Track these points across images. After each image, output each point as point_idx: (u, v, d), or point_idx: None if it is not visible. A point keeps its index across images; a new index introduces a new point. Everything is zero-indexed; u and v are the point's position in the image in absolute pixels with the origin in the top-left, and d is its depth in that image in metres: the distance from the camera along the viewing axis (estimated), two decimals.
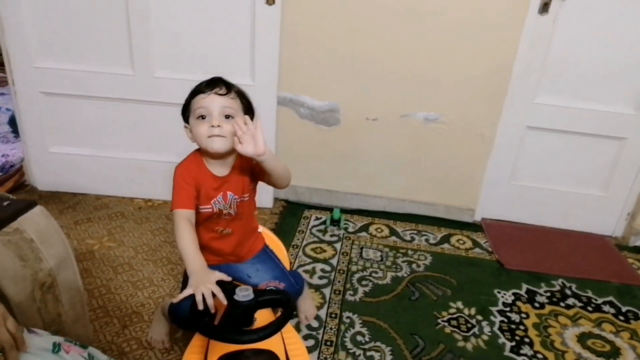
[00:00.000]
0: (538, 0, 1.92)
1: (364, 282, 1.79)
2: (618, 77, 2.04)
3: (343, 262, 1.91)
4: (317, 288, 1.74)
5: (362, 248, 2.02)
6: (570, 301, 1.78)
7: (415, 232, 2.19)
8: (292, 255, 1.92)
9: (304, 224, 2.18)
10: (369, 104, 2.15)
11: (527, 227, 2.30)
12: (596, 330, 1.64)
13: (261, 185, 1.29)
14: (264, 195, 2.26)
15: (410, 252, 2.01)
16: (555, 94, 2.11)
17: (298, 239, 2.05)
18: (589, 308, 1.75)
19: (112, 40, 1.99)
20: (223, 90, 1.12)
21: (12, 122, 2.50)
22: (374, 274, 1.85)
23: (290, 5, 1.97)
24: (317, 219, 2.23)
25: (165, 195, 2.22)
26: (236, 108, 1.13)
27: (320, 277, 1.80)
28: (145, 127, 2.15)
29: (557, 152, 2.22)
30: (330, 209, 2.25)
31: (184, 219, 1.08)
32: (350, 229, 2.17)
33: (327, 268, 1.86)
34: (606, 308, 1.76)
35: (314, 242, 2.04)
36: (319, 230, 2.13)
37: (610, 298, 1.81)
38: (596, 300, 1.80)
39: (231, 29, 1.97)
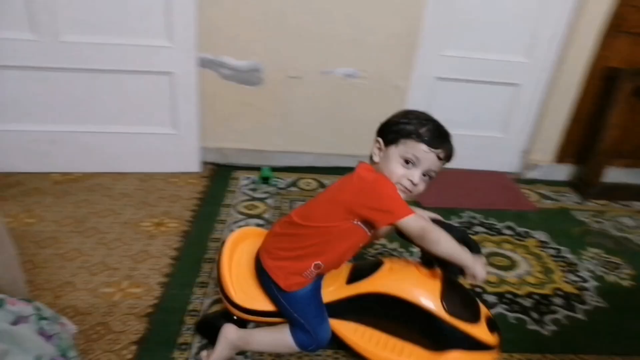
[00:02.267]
0: None
1: None
2: (512, 29, 2.27)
3: (275, 216, 1.99)
4: None
5: (292, 201, 2.12)
6: (477, 228, 2.03)
7: None
8: (224, 213, 1.97)
9: (234, 185, 2.22)
10: (290, 62, 2.19)
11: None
12: (498, 250, 1.90)
13: (186, 147, 1.32)
14: (190, 159, 2.26)
15: None
16: (459, 46, 2.30)
17: (229, 199, 2.09)
18: (492, 232, 2.01)
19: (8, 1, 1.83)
20: (443, 156, 1.09)
21: None
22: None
23: None
24: (246, 178, 2.28)
25: (84, 167, 2.15)
26: (438, 172, 1.11)
27: None
28: (54, 96, 2.02)
29: (462, 100, 2.43)
30: (259, 169, 2.30)
31: (424, 219, 1.07)
32: (281, 185, 2.25)
33: (261, 222, 1.94)
34: (505, 231, 2.03)
35: (245, 200, 2.10)
36: (250, 189, 2.19)
37: (509, 223, 2.09)
38: (497, 225, 2.07)
39: None
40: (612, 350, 1.43)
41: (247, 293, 1.22)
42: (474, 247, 1.09)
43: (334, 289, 1.21)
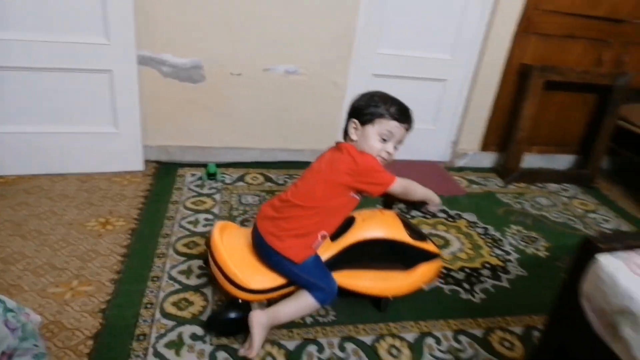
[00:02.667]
0: None
1: (246, 223, 1.96)
2: (438, 29, 2.46)
3: (224, 210, 2.04)
4: (202, 235, 1.85)
5: (240, 196, 2.17)
6: (415, 212, 2.19)
7: (288, 176, 2.41)
8: (172, 210, 1.98)
9: (180, 182, 2.23)
10: (231, 59, 2.24)
11: None
12: (434, 230, 2.07)
13: (128, 146, 1.37)
14: (133, 157, 2.24)
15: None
16: (392, 45, 2.45)
17: (176, 196, 2.10)
18: (428, 215, 2.19)
19: None
20: (408, 127, 1.38)
21: None
22: (255, 215, 2.02)
23: None
24: (192, 175, 2.30)
25: (20, 169, 2.07)
26: (404, 138, 1.39)
27: (204, 225, 1.91)
28: None
29: (396, 95, 2.57)
30: (205, 165, 2.33)
31: (400, 178, 1.35)
32: (227, 181, 2.29)
33: (210, 217, 1.98)
34: (439, 214, 2.21)
35: (193, 196, 2.12)
36: (197, 185, 2.21)
37: (442, 207, 2.28)
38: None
39: None
40: (532, 311, 1.64)
41: (252, 276, 1.34)
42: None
43: (324, 249, 1.41)
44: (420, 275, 1.51)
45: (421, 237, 1.53)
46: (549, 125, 2.78)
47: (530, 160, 2.79)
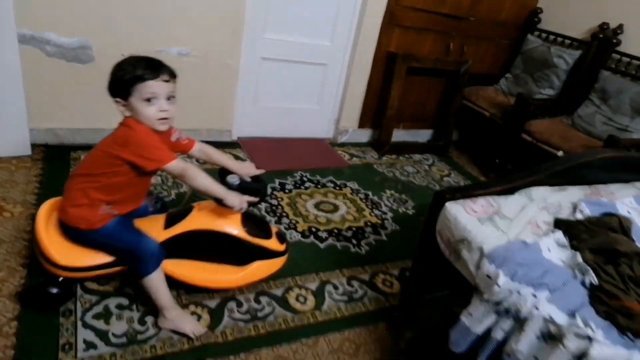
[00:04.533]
0: None
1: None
2: (318, 17, 2.73)
3: None
4: None
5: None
6: (307, 184, 2.49)
7: (186, 155, 2.50)
8: None
9: (75, 165, 2.19)
10: (123, 40, 2.23)
11: (271, 139, 2.91)
12: (324, 199, 2.39)
13: (12, 129, 1.45)
14: (19, 141, 2.13)
15: None
16: (278, 30, 2.66)
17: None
18: (319, 186, 2.50)
19: None
20: (167, 78, 1.27)
21: None
22: (160, 195, 2.10)
23: None
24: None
25: None
26: (174, 89, 1.31)
27: None
28: None
29: (284, 77, 2.83)
30: None
31: (183, 162, 1.29)
32: None
33: None
34: (328, 184, 2.54)
35: None
36: None
37: (330, 178, 2.61)
38: (322, 180, 2.57)
39: None
40: (405, 257, 2.04)
41: (67, 254, 1.35)
42: (257, 193, 1.50)
43: (154, 236, 1.41)
44: (253, 273, 1.54)
45: (263, 233, 1.54)
46: (412, 105, 3.27)
47: (398, 135, 3.27)
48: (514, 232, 1.32)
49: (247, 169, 1.55)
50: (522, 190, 1.56)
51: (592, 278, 1.15)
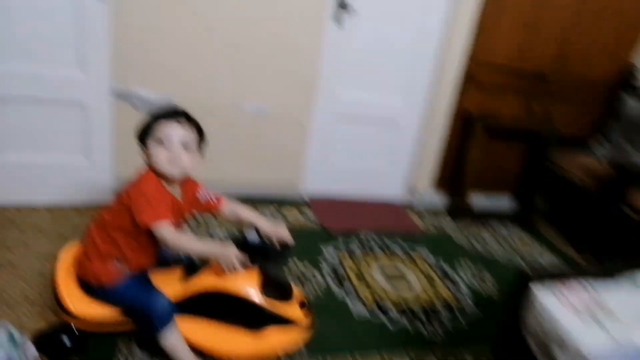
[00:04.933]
0: (332, 10, 2.39)
1: None
2: (393, 77, 2.68)
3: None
4: None
5: (208, 230, 2.23)
6: (375, 249, 2.35)
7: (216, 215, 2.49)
8: None
9: None
10: (202, 95, 2.33)
11: (340, 198, 2.83)
12: (392, 266, 2.23)
13: (99, 178, 1.39)
14: (104, 189, 2.22)
15: None
16: (353, 88, 2.64)
17: None
18: (387, 252, 2.35)
19: None
20: (183, 121, 1.26)
21: None
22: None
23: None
24: None
25: None
26: (192, 139, 1.28)
27: None
28: None
29: (355, 136, 2.78)
30: None
31: (171, 230, 1.21)
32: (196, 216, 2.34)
33: None
34: (397, 251, 2.38)
35: None
36: None
37: (400, 243, 2.45)
38: (391, 245, 2.42)
39: (58, 20, 1.91)
40: (482, 341, 1.78)
41: (79, 301, 1.33)
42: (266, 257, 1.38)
43: (169, 289, 1.35)
44: (267, 341, 1.39)
45: (283, 297, 1.42)
46: (492, 168, 3.06)
47: (477, 201, 3.05)
48: (624, 333, 1.08)
49: (277, 232, 1.43)
50: (626, 274, 1.31)
51: None
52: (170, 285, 1.37)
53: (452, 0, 2.56)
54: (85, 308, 1.33)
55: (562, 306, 1.13)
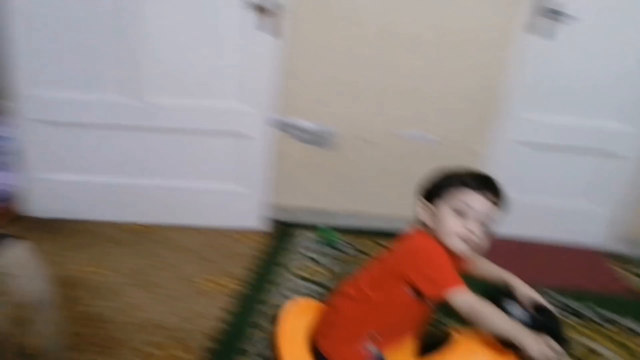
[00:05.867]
0: (525, 19, 1.97)
1: None
2: (606, 94, 2.09)
3: (332, 280, 1.91)
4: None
5: (350, 264, 2.02)
6: (558, 310, 1.77)
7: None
8: (280, 276, 1.93)
9: (296, 244, 2.17)
10: (361, 124, 2.19)
11: (520, 239, 2.29)
12: (579, 337, 1.65)
13: (253, 205, 1.36)
14: (255, 216, 2.26)
15: None
16: (545, 109, 2.14)
17: (288, 259, 2.04)
18: (574, 316, 1.76)
19: (99, 65, 2.00)
20: (492, 198, 1.05)
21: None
22: None
23: (290, 35, 2.00)
24: (309, 239, 2.22)
25: (156, 219, 2.24)
26: (494, 217, 1.06)
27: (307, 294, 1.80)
28: (138, 152, 2.16)
29: (546, 166, 2.23)
30: (321, 229, 2.25)
31: (472, 294, 0.98)
32: (347, 250, 2.16)
33: (314, 287, 1.86)
34: (588, 315, 1.78)
35: (304, 261, 2.03)
36: (312, 250, 2.12)
37: (594, 307, 1.82)
38: (579, 309, 1.81)
39: (227, 55, 2.00)
40: None
41: None
42: (558, 335, 0.96)
43: None
44: None
45: None
46: None
47: None
48: None
49: (530, 293, 1.10)
50: None
51: None
52: None
53: None
54: None
55: None
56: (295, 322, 1.20)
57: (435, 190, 1.09)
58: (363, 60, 2.07)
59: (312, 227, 2.31)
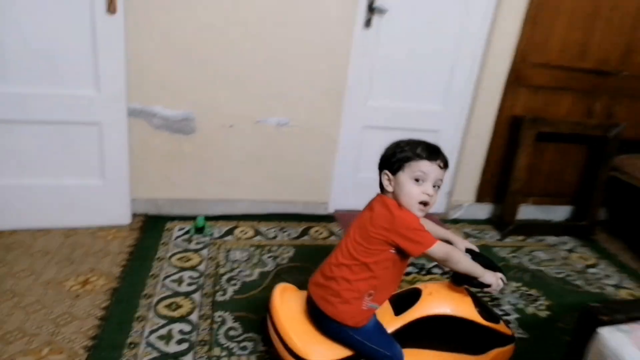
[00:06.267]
0: (363, 15, 2.23)
1: (232, 282, 1.88)
2: (429, 81, 2.47)
3: (211, 267, 1.96)
4: (186, 295, 1.77)
5: (228, 251, 2.10)
6: (410, 269, 2.12)
7: (278, 229, 2.35)
8: (157, 268, 1.91)
9: (167, 237, 2.16)
10: (223, 111, 2.23)
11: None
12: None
13: (115, 199, 1.29)
14: (120, 211, 2.18)
15: (274, 248, 2.16)
16: (383, 97, 2.46)
17: (162, 252, 2.03)
18: (422, 272, 2.12)
19: None
20: (442, 165, 1.25)
21: None
22: (241, 273, 1.94)
23: (136, 13, 1.96)
24: (180, 229, 2.24)
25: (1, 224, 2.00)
26: (443, 178, 1.27)
27: (189, 284, 1.83)
28: None
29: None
30: (194, 218, 2.27)
31: (444, 244, 1.25)
32: (216, 235, 2.22)
33: (195, 275, 1.90)
34: (434, 269, 2.15)
35: (179, 252, 2.05)
36: (184, 240, 2.15)
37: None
38: (426, 264, 2.18)
39: (71, 38, 1.88)
40: None
41: (311, 347, 1.26)
42: (495, 267, 1.33)
43: (387, 323, 1.32)
44: None
45: (493, 317, 1.39)
46: (543, 176, 2.75)
47: (526, 212, 2.74)
48: None
49: (466, 244, 1.43)
50: None
51: None
52: (386, 318, 1.34)
53: None
54: (321, 354, 1.27)
55: (637, 350, 0.88)
56: (287, 302, 1.35)
57: (396, 163, 1.27)
58: (219, 49, 2.12)
59: (183, 218, 2.31)
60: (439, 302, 1.34)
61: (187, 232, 2.21)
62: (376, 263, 1.25)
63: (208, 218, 2.31)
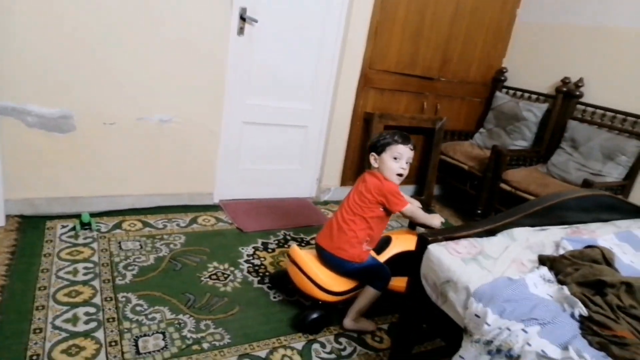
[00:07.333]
0: (236, 23, 2.50)
1: (130, 267, 1.97)
2: (298, 83, 2.85)
3: (105, 257, 2.02)
4: (84, 283, 1.82)
5: (120, 242, 2.17)
6: (291, 243, 2.45)
7: (167, 220, 2.47)
8: (47, 263, 1.90)
9: (50, 235, 2.13)
10: (103, 109, 2.28)
11: (254, 200, 2.90)
12: None
13: None
14: None
15: (165, 237, 2.29)
16: (260, 96, 2.75)
17: (48, 249, 2.01)
18: (303, 244, 2.46)
19: None
20: (412, 147, 1.81)
21: None
22: (137, 260, 2.04)
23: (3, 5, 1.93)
24: (63, 227, 2.21)
25: None
26: (412, 157, 1.83)
27: (85, 274, 1.88)
28: None
29: (265, 140, 2.89)
30: (77, 216, 2.26)
31: (411, 205, 1.84)
32: (103, 229, 2.26)
33: (90, 265, 1.94)
34: (313, 242, 2.50)
35: (67, 247, 2.05)
36: (70, 236, 2.14)
37: (314, 235, 2.57)
38: (306, 238, 2.54)
39: None
40: (392, 312, 1.97)
41: (332, 282, 1.77)
42: (432, 212, 1.93)
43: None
44: None
45: None
46: None
47: None
48: (499, 270, 1.30)
49: (416, 203, 2.04)
50: (504, 231, 1.56)
51: (581, 310, 1.12)
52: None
53: (346, 12, 2.79)
54: (339, 286, 1.78)
55: (450, 255, 1.32)
56: (306, 255, 1.82)
57: (380, 147, 1.80)
58: (100, 47, 2.17)
59: (64, 217, 2.29)
60: (404, 242, 1.93)
61: (72, 229, 2.20)
62: (371, 218, 1.78)
63: (92, 214, 2.32)
